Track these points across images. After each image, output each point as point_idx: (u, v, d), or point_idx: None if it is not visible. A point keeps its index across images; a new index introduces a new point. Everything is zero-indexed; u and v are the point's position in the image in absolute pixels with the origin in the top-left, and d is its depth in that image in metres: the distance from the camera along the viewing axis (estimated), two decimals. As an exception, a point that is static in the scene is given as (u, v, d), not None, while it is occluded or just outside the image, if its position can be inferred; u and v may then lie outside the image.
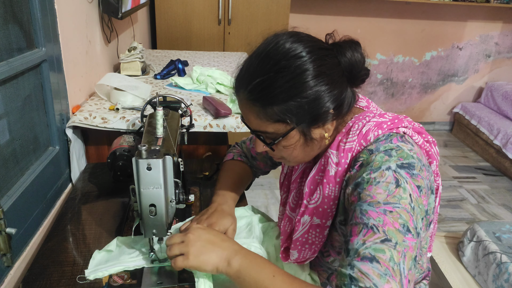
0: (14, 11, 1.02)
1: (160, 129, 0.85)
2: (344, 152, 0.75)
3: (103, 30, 1.77)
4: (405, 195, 0.65)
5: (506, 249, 1.56)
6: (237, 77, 0.76)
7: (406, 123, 0.77)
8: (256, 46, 0.75)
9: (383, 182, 0.66)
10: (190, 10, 2.86)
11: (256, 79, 0.70)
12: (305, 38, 0.73)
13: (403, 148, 0.71)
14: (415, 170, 0.68)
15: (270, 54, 0.70)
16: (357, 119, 0.77)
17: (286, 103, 0.69)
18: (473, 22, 3.85)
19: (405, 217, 0.63)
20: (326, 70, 0.70)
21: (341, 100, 0.73)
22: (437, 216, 0.86)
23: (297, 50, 0.69)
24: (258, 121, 0.73)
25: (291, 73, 0.68)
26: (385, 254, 0.60)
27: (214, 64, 2.24)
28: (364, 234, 0.63)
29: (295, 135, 0.74)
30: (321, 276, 0.92)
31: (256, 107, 0.72)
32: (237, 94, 0.76)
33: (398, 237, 0.62)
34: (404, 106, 4.15)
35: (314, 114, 0.71)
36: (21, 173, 1.06)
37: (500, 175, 3.33)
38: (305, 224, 0.82)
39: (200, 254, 0.73)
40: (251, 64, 0.73)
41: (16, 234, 0.92)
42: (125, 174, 1.14)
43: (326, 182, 0.77)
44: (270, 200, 2.72)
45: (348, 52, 0.73)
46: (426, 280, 0.93)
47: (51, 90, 1.20)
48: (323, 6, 3.51)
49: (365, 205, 0.66)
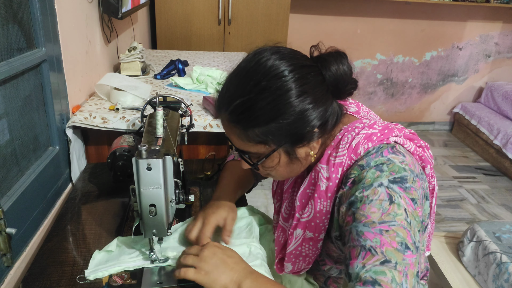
0: (14, 11, 1.02)
1: (160, 129, 0.85)
2: (335, 167, 0.74)
3: (103, 30, 1.77)
4: (400, 211, 0.64)
5: (506, 249, 1.56)
6: (218, 96, 0.74)
7: (397, 132, 0.76)
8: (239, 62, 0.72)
9: (376, 200, 0.65)
10: (190, 10, 2.86)
11: (236, 100, 0.68)
12: (287, 55, 0.70)
13: (394, 161, 0.69)
14: (407, 183, 0.67)
15: (250, 74, 0.68)
16: (346, 131, 0.75)
17: (267, 125, 0.67)
18: (473, 22, 3.85)
19: (402, 234, 0.63)
20: (309, 89, 0.68)
21: (326, 117, 0.71)
22: (434, 216, 0.86)
23: (279, 69, 0.67)
24: (240, 142, 0.72)
25: (272, 94, 0.66)
26: (386, 276, 0.59)
27: (214, 64, 2.24)
28: (363, 257, 0.62)
29: (279, 155, 0.73)
30: (318, 280, 0.92)
31: (237, 129, 0.70)
32: (219, 114, 0.74)
33: (398, 257, 0.61)
34: (404, 106, 4.15)
35: (298, 134, 0.70)
36: (21, 173, 1.06)
37: (500, 175, 3.33)
38: (298, 237, 0.81)
39: (211, 272, 0.74)
40: (231, 83, 0.71)
41: (16, 234, 0.92)
42: (125, 174, 1.14)
43: (317, 197, 0.76)
44: (270, 200, 2.72)
45: (333, 66, 0.70)
46: (424, 280, 0.93)
47: (51, 90, 1.20)
48: (323, 6, 3.51)
49: (360, 226, 0.65)
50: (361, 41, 3.71)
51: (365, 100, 3.97)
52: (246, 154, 0.75)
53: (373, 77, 3.91)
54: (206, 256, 0.76)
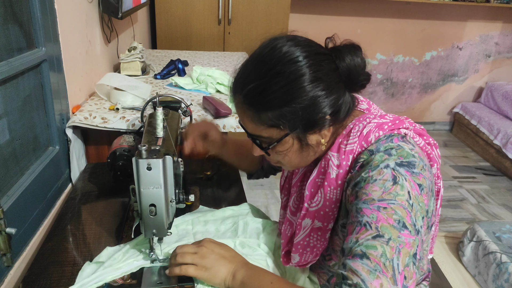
0: (14, 11, 1.02)
1: (160, 129, 0.85)
2: (345, 154, 0.74)
3: (103, 30, 1.76)
4: (402, 192, 0.64)
5: (506, 249, 1.56)
6: (233, 80, 0.76)
7: (407, 124, 0.77)
8: (254, 49, 0.74)
9: (380, 179, 0.66)
10: (190, 10, 2.86)
11: (251, 83, 0.70)
12: (303, 42, 0.71)
13: (404, 147, 0.70)
14: (415, 168, 0.68)
15: (266, 59, 0.70)
16: (358, 121, 0.76)
17: (280, 109, 0.69)
18: (473, 22, 3.85)
19: (401, 213, 0.62)
20: (323, 75, 0.69)
21: (338, 106, 0.72)
22: (438, 218, 0.85)
23: (294, 54, 0.69)
24: (253, 125, 0.73)
25: (286, 79, 0.68)
26: (377, 250, 0.59)
27: (214, 64, 2.24)
28: (357, 231, 0.63)
29: (290, 140, 0.73)
30: (321, 278, 0.92)
31: (251, 111, 0.71)
32: (233, 97, 0.76)
33: (393, 233, 0.61)
34: (404, 106, 4.15)
35: (309, 120, 0.70)
36: (21, 173, 1.06)
37: (500, 175, 3.33)
38: (306, 227, 0.82)
39: (211, 267, 0.77)
40: (247, 68, 0.73)
41: (16, 234, 0.92)
42: (125, 174, 1.14)
43: (327, 185, 0.76)
44: (270, 200, 2.72)
45: (347, 57, 0.72)
46: (426, 281, 0.93)
47: (51, 90, 1.20)
48: (323, 6, 3.51)
49: (360, 203, 0.66)
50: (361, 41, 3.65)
51: (365, 100, 3.96)
52: (258, 139, 0.75)
53: (373, 77, 3.89)
54: (206, 253, 0.79)
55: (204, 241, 0.82)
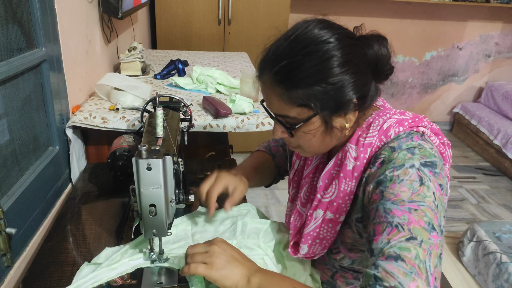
0: (14, 11, 1.02)
1: (160, 129, 0.85)
2: (364, 147, 0.75)
3: (103, 30, 1.77)
4: (429, 193, 0.65)
5: (506, 249, 1.56)
6: (263, 59, 0.75)
7: (426, 123, 0.78)
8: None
9: (407, 180, 0.66)
10: (190, 10, 2.86)
11: (283, 61, 0.70)
12: (335, 25, 0.73)
13: (425, 146, 0.71)
14: (437, 168, 0.69)
15: (299, 38, 0.70)
16: (378, 115, 0.77)
17: (311, 87, 0.69)
18: (473, 22, 3.85)
19: (430, 215, 0.63)
20: (353, 58, 0.70)
21: (365, 92, 0.73)
22: None
23: (326, 36, 0.70)
24: (281, 104, 0.73)
25: (319, 58, 0.68)
26: (411, 252, 0.60)
27: (214, 64, 2.24)
28: (389, 232, 0.63)
29: (317, 121, 0.73)
30: (325, 274, 0.92)
31: (281, 88, 0.71)
32: (261, 75, 0.75)
33: (424, 235, 0.62)
34: (404, 106, 4.15)
35: (337, 102, 0.71)
36: (21, 173, 1.06)
37: (500, 175, 3.34)
38: (317, 218, 0.82)
39: (223, 268, 0.73)
40: (279, 46, 0.72)
41: (16, 234, 0.92)
42: (125, 174, 1.14)
43: (342, 177, 0.77)
44: (270, 200, 2.72)
45: (375, 45, 0.73)
46: None
47: (51, 90, 1.20)
48: (323, 6, 3.51)
49: (388, 203, 0.66)
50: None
51: (365, 100, 3.97)
52: (284, 118, 0.75)
53: (373, 77, 3.91)
54: (217, 252, 0.75)
55: (215, 240, 0.79)
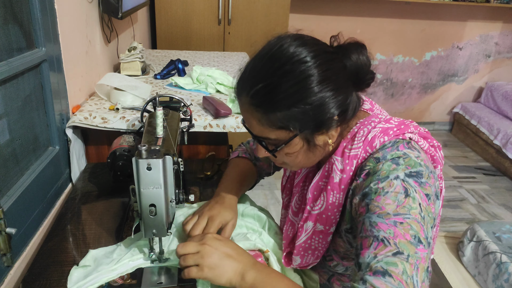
0: (14, 11, 1.02)
1: (160, 129, 0.85)
2: (349, 159, 0.74)
3: (103, 30, 1.76)
4: (415, 204, 0.64)
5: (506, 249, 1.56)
6: (239, 80, 0.73)
7: (412, 129, 0.76)
8: (258, 48, 0.72)
9: (392, 192, 0.65)
10: (190, 10, 2.86)
11: (259, 83, 0.68)
12: (310, 41, 0.70)
13: (410, 155, 0.69)
14: (423, 178, 0.67)
15: (274, 58, 0.68)
16: (362, 125, 0.76)
17: (289, 109, 0.67)
18: (473, 22, 3.85)
19: (416, 228, 0.62)
20: (332, 75, 0.68)
21: (346, 106, 0.71)
22: (439, 219, 0.86)
23: (302, 54, 0.67)
24: (260, 127, 0.71)
25: (295, 78, 0.66)
26: (398, 267, 0.59)
27: (214, 64, 2.24)
28: (375, 247, 0.62)
29: (298, 142, 0.72)
30: (322, 277, 0.92)
31: (259, 112, 0.69)
32: (239, 98, 0.73)
33: (410, 249, 0.61)
34: (403, 106, 4.15)
35: (318, 121, 0.69)
36: (21, 173, 1.06)
37: (500, 175, 3.34)
38: (308, 230, 0.81)
39: (216, 267, 0.73)
40: (254, 67, 0.71)
41: (16, 234, 0.92)
42: (125, 174, 1.14)
43: (330, 189, 0.76)
44: (270, 200, 2.72)
45: (353, 55, 0.71)
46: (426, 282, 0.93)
47: (51, 90, 1.20)
48: (323, 6, 3.51)
49: (374, 216, 0.65)
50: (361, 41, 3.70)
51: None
52: (264, 140, 0.74)
53: (373, 77, 3.91)
54: (209, 252, 0.74)
55: (206, 238, 0.77)
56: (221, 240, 0.78)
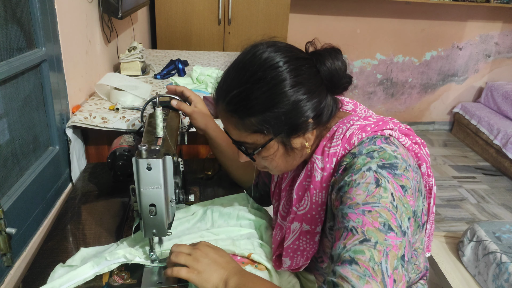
0: (14, 11, 1.02)
1: (160, 129, 0.85)
2: (329, 156, 0.75)
3: (103, 30, 1.77)
4: (386, 194, 0.64)
5: (506, 249, 1.56)
6: (216, 88, 0.77)
7: (392, 125, 0.77)
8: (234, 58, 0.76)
9: (363, 183, 0.66)
10: (190, 10, 2.86)
11: (233, 90, 0.71)
12: (283, 48, 0.73)
13: (386, 149, 0.70)
14: (397, 170, 0.67)
15: (247, 65, 0.71)
16: (342, 123, 0.77)
17: (263, 114, 0.70)
18: (473, 22, 3.85)
19: (386, 216, 0.62)
20: (304, 80, 0.70)
21: (320, 109, 0.73)
22: (433, 216, 0.85)
23: (274, 60, 0.70)
24: (237, 132, 0.74)
25: (267, 84, 0.69)
26: (365, 254, 0.59)
27: (214, 64, 2.24)
28: (345, 237, 0.63)
29: (274, 145, 0.74)
30: (318, 280, 0.92)
31: (234, 118, 0.73)
32: (217, 105, 0.77)
33: (379, 236, 0.61)
34: (404, 106, 4.15)
35: (292, 124, 0.71)
36: (21, 173, 1.06)
37: (500, 175, 3.34)
38: (295, 231, 0.82)
39: (204, 272, 0.75)
40: (229, 75, 0.74)
41: (16, 234, 0.92)
42: (125, 174, 1.14)
43: (313, 188, 0.77)
44: (270, 200, 2.72)
45: (327, 61, 0.73)
46: (424, 279, 0.93)
47: (51, 90, 1.20)
48: (323, 6, 3.51)
49: (345, 208, 0.66)
50: (361, 41, 3.71)
51: (364, 100, 3.97)
52: (243, 145, 0.77)
53: (373, 77, 3.91)
54: (199, 256, 0.77)
55: (199, 244, 0.80)
56: (211, 247, 0.81)
